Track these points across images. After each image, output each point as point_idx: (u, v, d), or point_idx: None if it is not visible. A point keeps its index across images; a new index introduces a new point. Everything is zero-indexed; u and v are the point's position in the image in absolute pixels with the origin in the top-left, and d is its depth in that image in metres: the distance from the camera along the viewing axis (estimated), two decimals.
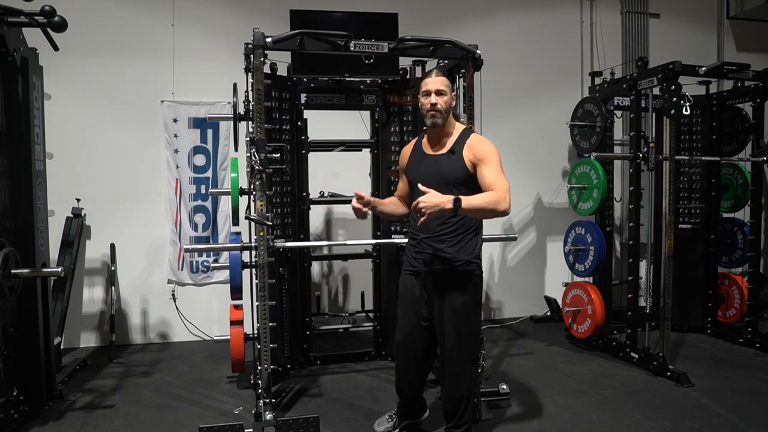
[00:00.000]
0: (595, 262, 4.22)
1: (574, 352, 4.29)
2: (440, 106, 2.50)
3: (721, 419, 3.04)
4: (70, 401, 3.33)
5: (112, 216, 4.55)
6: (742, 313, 4.58)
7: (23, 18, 2.89)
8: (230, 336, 3.21)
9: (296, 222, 3.86)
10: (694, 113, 4.62)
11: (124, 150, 4.57)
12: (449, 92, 2.53)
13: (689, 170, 4.77)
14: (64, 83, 4.32)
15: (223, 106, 4.61)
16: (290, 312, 3.84)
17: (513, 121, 5.35)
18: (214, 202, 4.72)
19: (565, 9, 5.47)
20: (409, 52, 3.21)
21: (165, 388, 3.59)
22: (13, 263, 2.81)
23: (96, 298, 4.58)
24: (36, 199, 3.09)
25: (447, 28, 4.94)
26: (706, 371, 3.78)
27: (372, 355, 4.09)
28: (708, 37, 5.88)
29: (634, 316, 4.00)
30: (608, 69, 4.51)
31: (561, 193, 5.38)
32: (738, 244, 4.70)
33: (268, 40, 2.91)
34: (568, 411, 3.17)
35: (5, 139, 3.00)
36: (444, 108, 2.51)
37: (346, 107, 4.01)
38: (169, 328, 4.70)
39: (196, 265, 4.70)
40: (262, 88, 2.94)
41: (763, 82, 4.18)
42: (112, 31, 4.51)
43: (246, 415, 3.13)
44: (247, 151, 2.97)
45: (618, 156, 4.48)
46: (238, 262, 3.24)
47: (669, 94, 3.66)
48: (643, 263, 4.34)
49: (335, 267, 5.03)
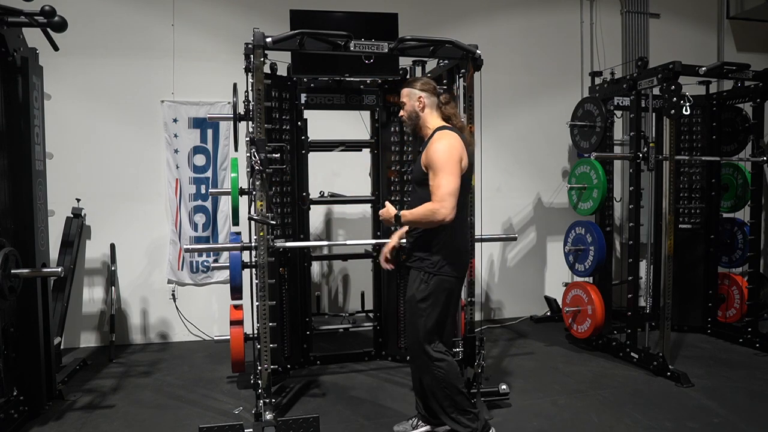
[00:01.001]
0: (595, 262, 4.22)
1: (574, 352, 4.29)
2: (403, 116, 2.75)
3: (721, 419, 3.04)
4: (70, 401, 3.33)
5: (112, 216, 4.55)
6: (742, 313, 4.58)
7: (23, 18, 2.89)
8: (230, 336, 3.21)
9: (296, 222, 3.86)
10: (694, 113, 4.62)
11: (124, 150, 4.57)
12: (409, 100, 2.69)
13: (689, 170, 4.77)
14: (64, 83, 4.32)
15: (223, 106, 4.61)
16: (290, 312, 3.84)
17: (513, 121, 5.35)
18: (214, 202, 4.72)
19: (565, 9, 5.47)
20: (409, 52, 3.21)
21: (165, 388, 3.59)
22: (13, 263, 2.81)
23: (96, 298, 4.58)
24: (36, 199, 3.09)
25: (447, 28, 4.94)
26: (706, 371, 3.78)
27: (372, 355, 4.09)
28: (708, 37, 5.88)
29: (634, 316, 4.00)
30: (608, 69, 4.51)
31: (561, 193, 5.38)
32: (738, 244, 4.70)
33: (268, 40, 2.91)
34: (568, 411, 3.17)
35: (5, 139, 3.00)
36: (407, 116, 2.72)
37: (346, 107, 4.01)
38: (169, 328, 4.70)
39: (196, 265, 4.70)
40: (262, 88, 2.94)
41: (763, 82, 4.18)
42: (112, 31, 4.51)
43: (246, 415, 3.13)
44: (247, 151, 2.97)
45: (618, 156, 4.48)
46: (238, 262, 3.24)
47: (669, 94, 3.65)
48: (643, 263, 4.34)
49: (335, 267, 5.03)
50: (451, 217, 2.42)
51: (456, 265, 2.62)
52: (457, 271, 2.63)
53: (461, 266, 2.66)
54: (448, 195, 2.41)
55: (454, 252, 2.60)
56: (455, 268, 2.61)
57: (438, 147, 2.49)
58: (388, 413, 3.15)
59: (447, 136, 2.54)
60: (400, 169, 3.97)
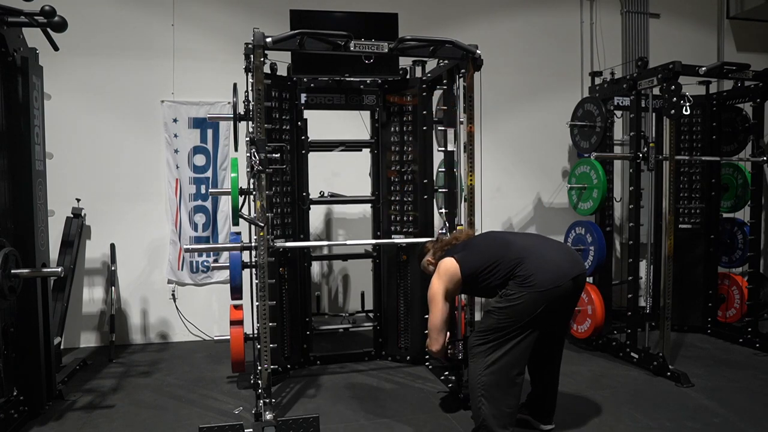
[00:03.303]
0: (595, 262, 4.22)
1: (574, 352, 4.29)
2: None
3: (721, 419, 3.04)
4: (70, 401, 3.33)
5: (112, 216, 4.55)
6: (742, 313, 4.58)
7: (23, 18, 2.89)
8: (230, 336, 3.21)
9: (296, 222, 3.86)
10: (694, 113, 4.62)
11: (124, 150, 4.57)
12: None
13: (689, 170, 4.77)
14: (64, 83, 4.32)
15: (223, 106, 4.61)
16: (290, 312, 3.84)
17: (513, 121, 5.34)
18: (214, 202, 4.72)
19: (565, 9, 5.47)
20: (409, 52, 3.21)
21: (165, 388, 3.59)
22: (13, 263, 2.81)
23: (96, 298, 4.58)
24: (36, 199, 3.09)
25: (447, 28, 4.93)
26: (706, 371, 3.78)
27: (372, 355, 4.09)
28: (708, 37, 5.88)
29: (634, 316, 3.99)
30: (608, 69, 4.51)
31: (561, 193, 5.37)
32: (738, 244, 4.70)
33: (268, 40, 2.91)
34: (568, 411, 3.17)
35: (5, 139, 3.00)
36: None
37: (346, 107, 4.01)
38: (169, 328, 4.70)
39: (196, 265, 4.70)
40: (262, 88, 2.94)
41: (763, 82, 4.17)
42: (112, 31, 4.51)
43: (246, 415, 3.13)
44: (247, 151, 2.97)
45: (618, 156, 4.48)
46: (238, 262, 3.24)
47: (669, 94, 3.65)
48: (643, 263, 4.34)
49: (335, 267, 5.03)
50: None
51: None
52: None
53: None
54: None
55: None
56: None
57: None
58: (388, 413, 3.15)
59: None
60: (400, 169, 3.97)
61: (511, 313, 2.52)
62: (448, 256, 2.74)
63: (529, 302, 2.50)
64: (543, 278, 2.51)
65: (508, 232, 3.81)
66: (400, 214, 4.00)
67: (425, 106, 3.88)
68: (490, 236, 2.92)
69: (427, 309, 3.82)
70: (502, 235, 2.94)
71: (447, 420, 3.07)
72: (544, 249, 2.66)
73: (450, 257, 2.73)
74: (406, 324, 4.01)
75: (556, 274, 2.54)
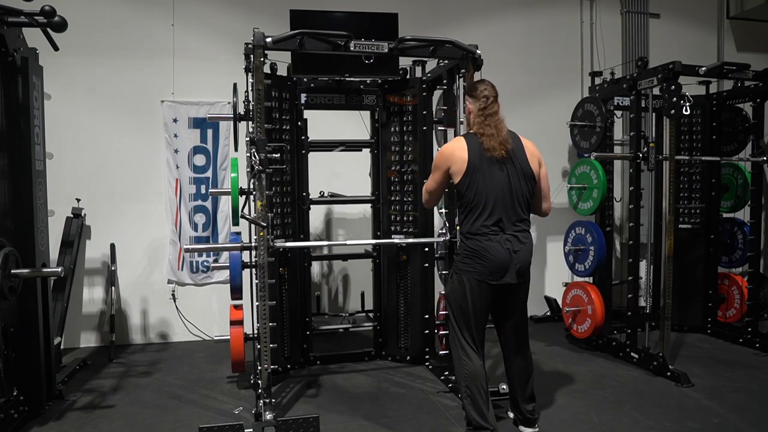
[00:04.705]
0: (595, 262, 4.22)
1: (574, 352, 4.29)
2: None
3: (721, 419, 3.04)
4: (70, 401, 3.33)
5: (112, 216, 4.55)
6: (742, 313, 4.58)
7: (23, 18, 2.89)
8: (230, 336, 3.21)
9: (296, 222, 3.86)
10: (694, 113, 4.62)
11: (124, 150, 4.57)
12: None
13: (689, 170, 4.77)
14: (64, 83, 4.32)
15: (223, 106, 4.61)
16: (290, 312, 3.84)
17: (513, 121, 5.20)
18: (214, 202, 4.72)
19: (565, 9, 5.47)
20: (409, 52, 3.21)
21: (165, 388, 3.59)
22: (13, 263, 2.81)
23: (96, 298, 4.58)
24: (36, 199, 3.09)
25: (447, 28, 4.93)
26: (706, 371, 3.78)
27: (372, 355, 4.09)
28: (708, 37, 5.88)
29: (634, 316, 4.00)
30: (608, 69, 4.51)
31: (561, 193, 5.37)
32: (738, 244, 4.70)
33: (268, 40, 2.91)
34: (568, 411, 3.17)
35: (5, 139, 3.00)
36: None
37: (346, 107, 4.01)
38: (169, 328, 4.70)
39: (196, 265, 4.70)
40: (262, 88, 2.95)
41: (763, 82, 4.18)
42: (112, 31, 4.51)
43: (246, 415, 3.13)
44: (247, 151, 2.98)
45: (618, 156, 4.47)
46: (238, 262, 3.24)
47: (669, 94, 3.65)
48: (643, 263, 4.34)
49: (335, 267, 5.03)
50: (426, 206, 3.01)
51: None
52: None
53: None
54: (425, 190, 2.92)
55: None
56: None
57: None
58: (388, 413, 3.15)
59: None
60: (400, 169, 3.97)
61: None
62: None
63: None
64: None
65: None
66: (400, 214, 4.00)
67: (425, 106, 3.88)
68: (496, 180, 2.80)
69: (427, 309, 3.88)
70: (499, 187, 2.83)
71: (447, 420, 3.07)
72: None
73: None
74: (406, 324, 4.01)
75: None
